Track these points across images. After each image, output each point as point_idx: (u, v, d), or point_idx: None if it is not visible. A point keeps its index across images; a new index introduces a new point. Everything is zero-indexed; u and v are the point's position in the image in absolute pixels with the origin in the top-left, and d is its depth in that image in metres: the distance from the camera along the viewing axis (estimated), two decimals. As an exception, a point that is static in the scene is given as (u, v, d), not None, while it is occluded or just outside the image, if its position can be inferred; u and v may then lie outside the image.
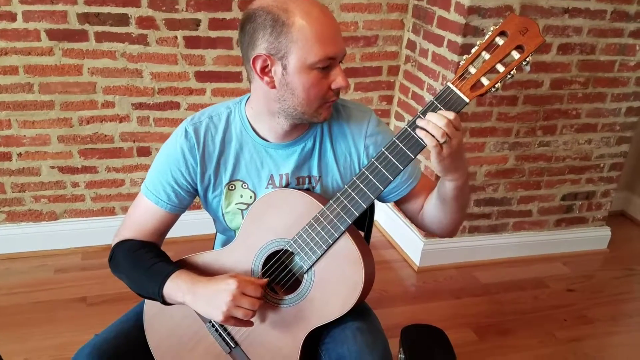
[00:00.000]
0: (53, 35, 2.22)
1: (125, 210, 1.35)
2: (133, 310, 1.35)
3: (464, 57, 1.07)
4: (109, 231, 1.33)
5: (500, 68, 1.05)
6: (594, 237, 2.92)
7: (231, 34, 2.39)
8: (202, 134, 1.24)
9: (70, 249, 2.57)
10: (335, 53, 1.10)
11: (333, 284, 1.15)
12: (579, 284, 2.65)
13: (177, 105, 2.48)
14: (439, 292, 2.53)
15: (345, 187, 1.13)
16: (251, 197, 1.27)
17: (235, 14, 2.36)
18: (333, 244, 1.14)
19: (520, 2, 2.23)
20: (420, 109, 1.08)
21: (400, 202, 1.35)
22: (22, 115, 2.32)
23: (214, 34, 2.38)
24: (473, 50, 1.07)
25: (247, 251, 1.22)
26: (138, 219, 1.29)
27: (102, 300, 2.27)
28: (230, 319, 1.11)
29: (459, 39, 2.24)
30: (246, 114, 1.25)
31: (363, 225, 1.55)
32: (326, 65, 1.10)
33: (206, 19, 2.35)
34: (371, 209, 1.52)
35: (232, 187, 1.27)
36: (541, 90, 2.46)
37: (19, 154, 2.38)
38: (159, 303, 1.20)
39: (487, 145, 2.52)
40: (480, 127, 2.47)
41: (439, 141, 1.02)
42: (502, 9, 2.21)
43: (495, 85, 1.06)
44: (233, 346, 1.23)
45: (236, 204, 1.28)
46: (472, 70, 1.06)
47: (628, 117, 2.66)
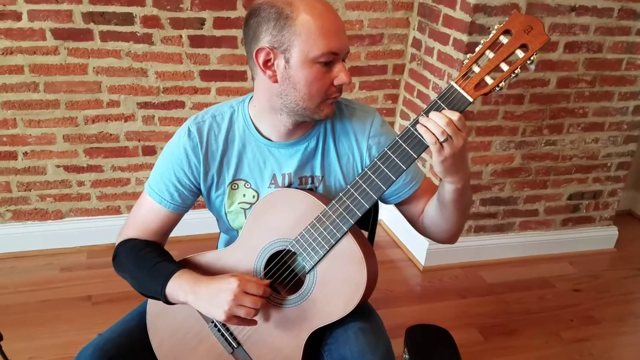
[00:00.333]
0: (58, 34, 2.22)
1: (131, 209, 1.35)
2: (136, 309, 1.35)
3: (468, 56, 1.07)
4: (114, 230, 1.33)
5: (504, 67, 1.04)
6: (601, 237, 2.90)
7: (236, 32, 2.39)
8: (205, 134, 1.24)
9: (75, 248, 2.57)
10: (339, 48, 1.10)
11: (335, 285, 1.15)
12: (585, 284, 2.64)
13: (182, 105, 2.48)
14: (444, 292, 2.52)
15: (348, 187, 1.12)
16: (254, 197, 1.27)
17: (240, 12, 2.35)
18: (335, 244, 1.13)
19: (527, 0, 2.21)
20: (424, 107, 1.07)
21: (401, 205, 1.34)
22: (28, 114, 2.32)
23: (218, 33, 2.38)
24: (477, 49, 1.06)
25: (250, 251, 1.21)
26: (141, 218, 1.29)
27: (107, 299, 2.27)
28: (232, 318, 1.11)
29: (465, 37, 2.23)
30: (249, 113, 1.24)
31: (367, 225, 1.54)
32: (329, 60, 1.10)
33: (211, 18, 2.34)
34: (375, 209, 1.51)
35: (235, 187, 1.26)
36: (548, 88, 2.45)
37: (25, 153, 2.39)
38: (162, 303, 1.20)
39: (493, 144, 2.51)
40: (486, 126, 2.45)
41: (438, 139, 1.01)
42: (508, 7, 2.20)
43: (500, 85, 1.04)
44: (235, 346, 1.22)
45: (239, 203, 1.27)
46: (476, 69, 1.05)
47: (635, 116, 2.64)
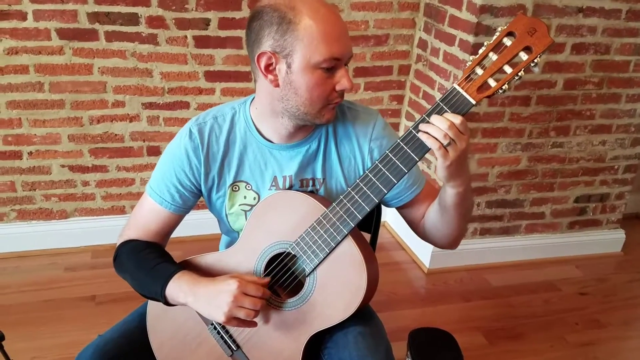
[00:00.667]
0: (63, 34, 2.23)
1: (136, 209, 1.35)
2: (137, 311, 1.34)
3: (471, 58, 1.05)
4: (119, 230, 1.33)
5: (507, 69, 1.03)
6: (607, 240, 2.88)
7: (241, 33, 2.38)
8: (207, 135, 1.23)
9: (80, 248, 2.58)
10: (341, 54, 1.09)
11: (335, 288, 1.14)
12: (591, 288, 2.61)
13: (187, 105, 2.48)
14: (448, 295, 2.50)
15: (349, 190, 1.11)
16: (255, 199, 1.26)
17: (244, 13, 2.35)
18: (336, 247, 1.12)
19: (534, 1, 2.19)
20: (427, 110, 1.06)
21: (402, 209, 1.33)
22: (33, 114, 2.33)
23: (223, 34, 2.37)
24: (480, 51, 1.05)
25: (250, 253, 1.21)
26: (142, 219, 1.29)
27: (111, 299, 2.27)
28: (232, 319, 1.10)
29: (471, 38, 2.21)
30: (251, 115, 1.24)
31: (370, 227, 1.54)
32: (331, 66, 1.09)
33: (216, 19, 2.34)
34: (378, 211, 1.51)
35: (236, 188, 1.26)
36: (554, 90, 2.43)
37: (30, 153, 2.40)
38: (162, 304, 1.19)
39: (500, 146, 2.49)
40: (492, 128, 2.44)
41: (442, 144, 1.00)
42: (515, 8, 2.18)
43: (503, 87, 1.03)
44: (235, 349, 1.22)
45: (240, 205, 1.27)
46: (479, 71, 1.04)
47: (643, 118, 2.61)
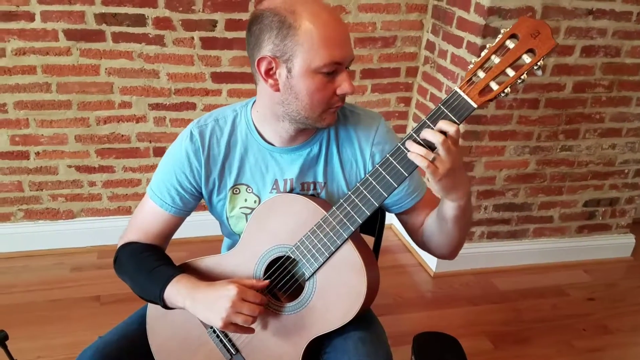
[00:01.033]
0: (71, 35, 2.24)
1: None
2: (137, 312, 1.34)
3: (473, 61, 1.04)
4: (125, 231, 1.33)
5: (510, 72, 1.01)
6: (617, 245, 2.84)
7: (247, 34, 2.38)
8: (208, 137, 1.23)
9: (86, 248, 2.59)
10: (342, 58, 1.07)
11: (335, 293, 1.13)
12: (600, 293, 2.58)
13: (193, 106, 2.48)
14: (455, 299, 2.48)
15: (349, 194, 1.10)
16: (255, 202, 1.25)
17: (251, 14, 2.35)
18: (335, 251, 1.11)
19: (542, 3, 2.17)
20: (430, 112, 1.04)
21: (402, 216, 1.31)
22: (40, 114, 2.34)
23: (230, 35, 2.37)
24: (482, 54, 1.03)
25: (250, 256, 1.20)
26: (143, 221, 1.29)
27: (116, 300, 2.27)
28: (229, 325, 1.09)
29: (479, 40, 2.19)
30: (252, 117, 1.23)
31: (374, 230, 1.52)
32: (332, 70, 1.07)
33: (223, 20, 2.34)
34: (382, 215, 1.50)
35: (237, 191, 1.25)
36: (563, 93, 2.40)
37: (37, 153, 2.41)
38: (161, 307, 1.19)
39: (507, 149, 2.47)
40: (500, 131, 2.42)
41: (428, 160, 0.99)
42: (523, 10, 2.16)
43: (505, 90, 1.02)
44: (234, 352, 1.21)
45: (240, 208, 1.26)
46: (481, 74, 1.03)
47: (654, 122, 2.58)
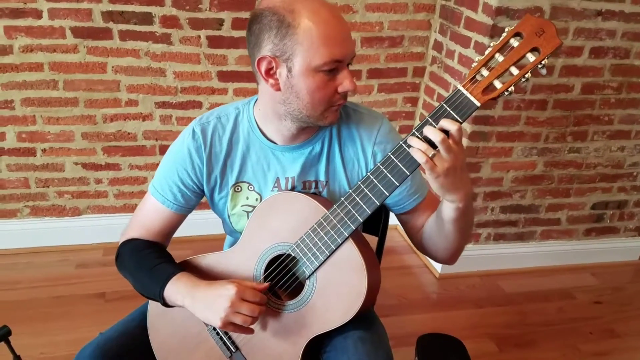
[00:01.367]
0: (78, 32, 2.24)
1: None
2: (139, 309, 1.34)
3: (477, 59, 1.03)
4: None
5: (514, 71, 1.00)
6: (625, 248, 2.81)
7: (254, 33, 2.38)
8: (210, 135, 1.22)
9: (92, 245, 2.59)
10: (343, 56, 1.06)
11: (335, 292, 1.12)
12: (607, 296, 2.56)
13: (200, 105, 2.48)
14: (460, 301, 2.47)
15: (350, 192, 1.09)
16: (257, 200, 1.25)
17: (258, 13, 2.34)
18: (336, 250, 1.10)
19: (551, 4, 2.15)
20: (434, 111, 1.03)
21: (402, 216, 1.30)
22: (47, 111, 2.35)
23: (237, 34, 2.37)
24: (486, 52, 1.02)
25: (250, 254, 1.19)
26: (144, 218, 1.29)
27: (120, 297, 2.28)
28: (228, 324, 1.09)
29: (486, 40, 2.18)
30: (254, 115, 1.22)
31: (377, 230, 1.52)
32: (333, 68, 1.07)
33: (229, 19, 2.34)
34: (386, 214, 1.49)
35: (238, 189, 1.25)
36: (572, 94, 2.38)
37: (44, 150, 2.42)
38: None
39: (515, 150, 2.45)
40: (507, 132, 2.40)
41: (428, 156, 0.98)
42: (532, 11, 2.14)
43: (509, 89, 1.01)
44: (233, 350, 1.21)
45: (242, 206, 1.26)
46: (485, 72, 1.02)
47: (664, 125, 2.55)
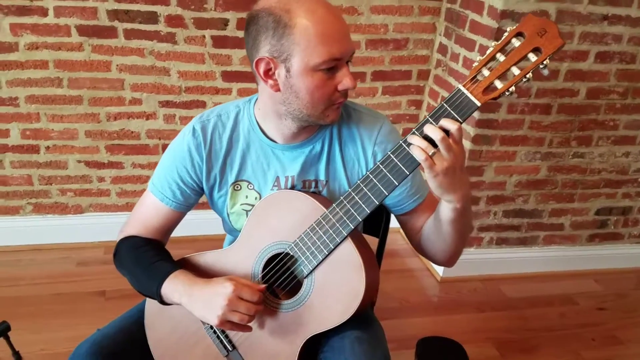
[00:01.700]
0: (83, 31, 2.25)
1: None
2: (137, 307, 1.34)
3: (478, 59, 1.02)
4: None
5: (515, 71, 1.00)
6: (629, 255, 2.79)
7: (259, 34, 2.38)
8: (210, 132, 1.22)
9: (93, 243, 2.59)
10: (341, 53, 1.06)
11: (333, 291, 1.11)
12: (610, 303, 2.54)
13: (203, 104, 2.48)
14: (461, 305, 2.45)
15: (349, 191, 1.09)
16: (256, 198, 1.24)
17: (263, 13, 2.34)
18: (334, 249, 1.10)
19: (557, 7, 2.14)
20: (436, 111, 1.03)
21: (402, 217, 1.29)
22: (51, 109, 2.36)
23: (241, 34, 2.36)
24: (488, 52, 1.02)
25: (249, 253, 1.19)
26: (143, 215, 1.28)
27: (121, 295, 2.28)
28: (225, 323, 1.08)
29: (491, 44, 2.16)
30: (254, 114, 1.22)
31: (378, 232, 1.51)
32: (331, 66, 1.06)
33: (234, 19, 2.34)
34: (387, 216, 1.48)
35: (238, 187, 1.24)
36: (577, 99, 2.37)
37: (47, 147, 2.42)
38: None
39: (518, 155, 2.44)
40: (511, 135, 2.39)
41: (427, 154, 0.97)
42: (537, 14, 2.13)
43: (510, 89, 1.00)
44: (230, 349, 1.20)
45: (241, 204, 1.25)
46: (486, 72, 1.01)
47: (670, 130, 2.53)
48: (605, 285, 2.67)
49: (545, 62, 0.98)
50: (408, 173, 1.04)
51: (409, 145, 1.01)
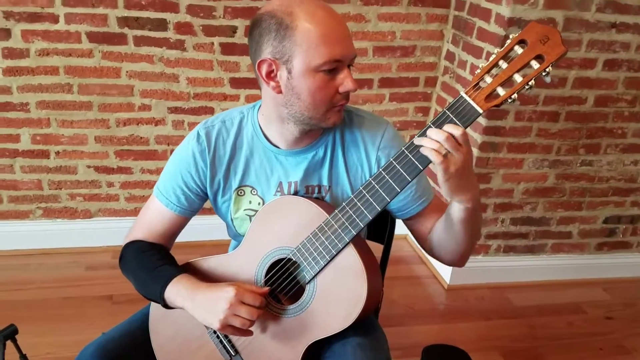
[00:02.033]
0: (93, 37, 2.28)
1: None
2: (142, 311, 1.35)
3: (480, 66, 1.03)
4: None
5: (518, 78, 1.00)
6: (637, 264, 2.77)
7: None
8: (214, 138, 1.23)
9: (102, 247, 2.62)
10: (342, 55, 1.07)
11: (335, 297, 1.12)
12: (618, 312, 2.52)
13: (212, 111, 2.50)
14: (468, 312, 2.44)
15: (352, 197, 1.09)
16: (259, 204, 1.25)
17: (271, 21, 2.36)
18: (336, 255, 1.10)
19: (564, 15, 2.14)
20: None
21: (409, 221, 1.29)
22: (61, 114, 2.38)
23: (249, 41, 2.39)
24: (490, 59, 1.02)
25: (252, 258, 1.20)
26: (148, 220, 1.30)
27: (128, 299, 2.29)
28: (227, 327, 1.09)
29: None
30: (258, 120, 1.23)
31: (383, 238, 1.51)
32: (332, 68, 1.07)
33: (242, 26, 2.36)
34: (392, 223, 1.49)
35: (242, 193, 1.25)
36: (585, 107, 2.36)
37: (57, 153, 2.45)
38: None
39: (526, 162, 2.43)
40: (518, 143, 2.38)
41: (440, 154, 0.97)
42: (545, 22, 2.13)
43: (512, 97, 1.00)
44: (233, 354, 1.21)
45: (245, 209, 1.26)
46: (488, 79, 1.01)
47: (679, 139, 2.52)
48: (613, 294, 2.65)
49: (547, 70, 0.98)
50: (410, 180, 1.04)
51: (419, 148, 1.01)
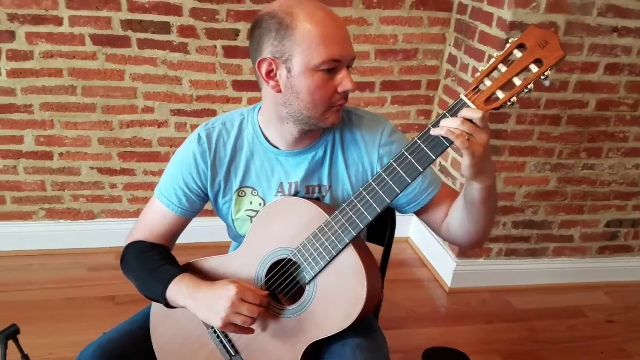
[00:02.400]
0: (97, 40, 2.29)
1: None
2: (143, 311, 1.36)
3: (480, 69, 1.04)
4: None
5: (517, 81, 1.00)
6: (639, 267, 2.77)
7: (269, 43, 2.41)
8: (214, 140, 1.24)
9: (104, 249, 2.63)
10: (341, 55, 1.08)
11: (335, 297, 1.12)
12: (619, 315, 2.52)
13: (214, 113, 2.51)
14: (469, 316, 2.44)
15: (352, 198, 1.10)
16: (260, 204, 1.26)
17: (274, 24, 2.37)
18: (336, 255, 1.11)
19: (566, 19, 2.15)
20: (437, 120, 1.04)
21: (421, 212, 1.29)
22: (65, 116, 2.40)
23: (252, 44, 2.40)
24: (490, 63, 1.03)
25: (252, 258, 1.20)
26: (149, 221, 1.31)
27: (130, 300, 2.30)
28: (228, 325, 1.10)
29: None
30: (258, 121, 1.24)
31: (383, 240, 1.52)
32: (331, 67, 1.08)
33: (245, 29, 2.37)
34: (392, 224, 1.49)
35: (242, 194, 1.26)
36: (586, 110, 2.36)
37: (60, 154, 2.46)
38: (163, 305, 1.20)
39: (527, 165, 2.44)
40: (520, 146, 2.39)
41: (465, 138, 0.98)
42: (546, 26, 2.14)
43: (511, 100, 1.01)
44: (233, 354, 1.21)
45: (245, 210, 1.27)
46: (488, 82, 1.02)
47: (680, 143, 2.52)
48: (614, 297, 2.64)
49: (546, 73, 0.99)
50: (410, 181, 1.05)
51: (419, 149, 1.04)
